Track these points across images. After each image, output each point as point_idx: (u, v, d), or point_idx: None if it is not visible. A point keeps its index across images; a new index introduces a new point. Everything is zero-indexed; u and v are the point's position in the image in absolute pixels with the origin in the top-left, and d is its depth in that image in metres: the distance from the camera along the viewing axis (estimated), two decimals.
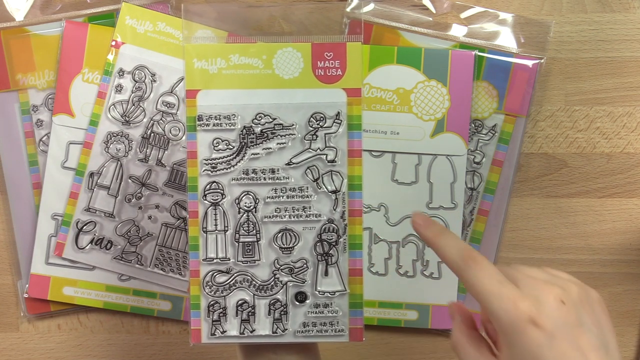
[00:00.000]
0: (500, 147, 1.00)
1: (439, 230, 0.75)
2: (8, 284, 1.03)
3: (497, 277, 0.68)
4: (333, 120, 0.85)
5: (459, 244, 0.72)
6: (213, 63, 0.85)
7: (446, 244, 0.73)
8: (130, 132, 0.99)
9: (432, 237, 0.75)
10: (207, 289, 0.85)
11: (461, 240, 0.74)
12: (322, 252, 0.86)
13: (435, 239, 0.74)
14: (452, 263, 0.71)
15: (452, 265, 0.72)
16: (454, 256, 0.71)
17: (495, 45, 0.99)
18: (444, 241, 0.73)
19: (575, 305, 0.67)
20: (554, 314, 0.65)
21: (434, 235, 0.75)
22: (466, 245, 0.72)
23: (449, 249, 0.72)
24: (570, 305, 0.66)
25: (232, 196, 0.85)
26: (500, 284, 0.67)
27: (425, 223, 0.76)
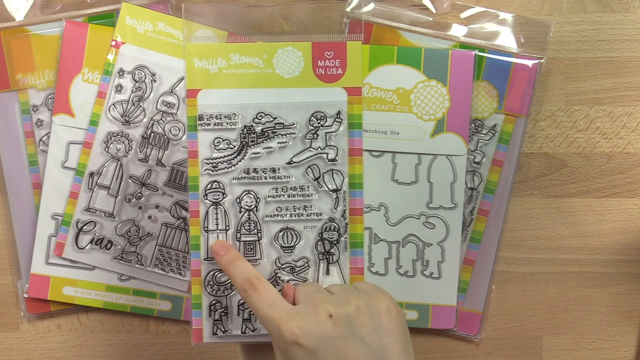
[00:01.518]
0: (500, 147, 1.00)
1: (231, 258, 0.80)
2: (8, 284, 1.03)
3: (269, 301, 0.74)
4: (334, 119, 0.85)
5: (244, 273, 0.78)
6: (214, 62, 0.85)
7: (234, 273, 0.78)
8: (130, 132, 0.99)
9: (225, 266, 0.80)
10: (208, 289, 0.85)
11: (248, 268, 0.79)
12: (324, 251, 0.86)
13: (226, 268, 0.80)
14: (238, 291, 0.78)
15: (239, 293, 0.78)
16: (238, 284, 0.78)
17: (495, 45, 1.00)
18: (232, 270, 0.79)
19: (347, 317, 0.71)
20: (317, 329, 0.70)
21: (226, 264, 0.80)
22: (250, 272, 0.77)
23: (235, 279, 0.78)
24: (340, 318, 0.71)
25: (233, 195, 0.85)
26: (270, 307, 0.73)
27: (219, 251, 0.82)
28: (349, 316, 0.71)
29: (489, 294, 1.02)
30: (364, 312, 0.72)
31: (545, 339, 1.03)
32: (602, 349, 1.03)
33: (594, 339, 1.03)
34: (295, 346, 0.70)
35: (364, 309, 0.72)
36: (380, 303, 0.73)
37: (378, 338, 0.71)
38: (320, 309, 0.72)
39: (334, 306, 0.72)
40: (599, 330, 1.03)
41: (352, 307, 0.72)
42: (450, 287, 1.00)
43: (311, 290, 0.76)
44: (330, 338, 0.69)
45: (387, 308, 0.73)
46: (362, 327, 0.71)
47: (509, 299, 1.03)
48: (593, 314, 1.03)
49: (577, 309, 1.03)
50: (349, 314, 0.71)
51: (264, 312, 0.73)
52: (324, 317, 0.71)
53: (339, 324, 0.70)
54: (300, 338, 0.70)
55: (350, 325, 0.70)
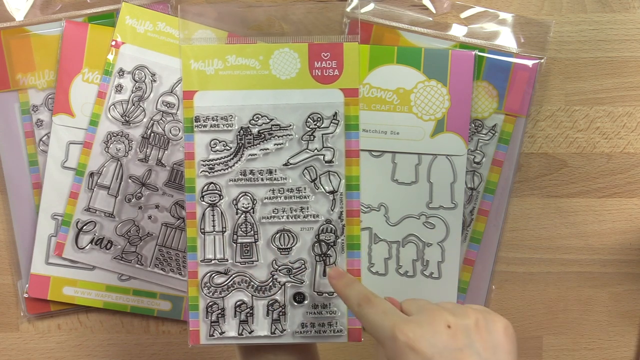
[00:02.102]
0: (500, 147, 1.00)
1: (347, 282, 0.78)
2: (8, 284, 1.03)
3: (384, 310, 0.72)
4: (330, 120, 0.85)
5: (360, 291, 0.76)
6: (210, 64, 0.85)
7: (350, 294, 0.76)
8: (130, 132, 0.99)
9: (340, 289, 0.79)
10: (205, 290, 0.86)
11: (365, 289, 0.77)
12: (320, 252, 0.86)
13: (342, 290, 0.78)
14: (351, 307, 0.76)
15: (352, 310, 0.76)
16: (352, 301, 0.75)
17: (495, 45, 0.99)
18: (349, 291, 0.77)
19: (466, 329, 0.69)
20: (435, 338, 0.68)
21: (342, 287, 0.78)
22: (367, 292, 0.75)
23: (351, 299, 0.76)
24: (457, 330, 0.69)
25: (229, 197, 0.85)
26: (385, 315, 0.71)
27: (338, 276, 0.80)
28: (468, 329, 0.69)
29: (489, 294, 1.01)
30: (482, 327, 0.70)
31: (545, 339, 1.03)
32: (602, 349, 1.03)
33: (594, 339, 1.03)
34: (409, 350, 0.67)
35: (483, 325, 0.70)
36: (498, 321, 0.71)
37: (494, 354, 0.69)
38: (438, 317, 0.70)
39: (454, 317, 0.70)
40: (599, 330, 1.03)
41: (472, 321, 0.70)
42: (450, 287, 1.00)
43: (423, 302, 0.74)
44: (446, 347, 0.67)
45: (505, 327, 0.71)
46: (479, 341, 0.69)
47: (509, 299, 1.03)
48: (593, 314, 1.03)
49: (577, 309, 1.03)
50: (467, 326, 0.69)
51: (377, 321, 0.71)
52: (442, 327, 0.69)
53: (457, 335, 0.68)
54: (415, 342, 0.67)
55: (468, 338, 0.69)
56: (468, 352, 0.67)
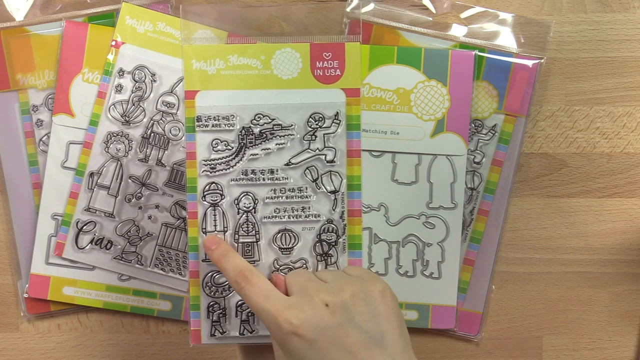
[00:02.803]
0: (500, 147, 1.00)
1: (222, 252, 0.81)
2: (8, 284, 1.03)
3: (264, 292, 0.74)
4: (332, 120, 0.85)
5: (236, 265, 0.78)
6: (211, 64, 0.85)
7: (226, 266, 0.79)
8: (130, 132, 0.99)
9: (217, 259, 0.81)
10: (206, 290, 0.86)
11: (240, 260, 0.79)
12: (322, 252, 0.86)
13: (218, 261, 0.80)
14: (231, 284, 0.78)
15: (232, 287, 0.78)
16: (230, 277, 0.78)
17: (495, 45, 0.99)
18: (224, 263, 0.79)
19: (343, 305, 0.72)
20: (314, 319, 0.70)
21: (217, 258, 0.81)
22: (243, 265, 0.78)
23: (228, 272, 0.78)
24: (336, 307, 0.71)
25: (231, 197, 0.85)
26: (266, 299, 0.73)
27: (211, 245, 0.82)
28: (345, 304, 0.71)
29: (489, 294, 1.02)
30: (359, 299, 0.72)
31: (545, 339, 1.03)
32: (602, 349, 1.03)
33: (594, 339, 1.03)
34: (293, 336, 0.70)
35: (360, 296, 0.72)
36: (374, 289, 0.73)
37: (375, 324, 0.71)
38: (316, 298, 0.72)
39: (330, 294, 0.72)
40: (599, 330, 1.03)
41: (348, 295, 0.72)
42: (450, 287, 1.00)
43: (303, 279, 0.77)
44: (327, 327, 0.70)
45: (382, 293, 0.73)
46: (358, 314, 0.71)
47: (509, 299, 1.03)
48: (593, 314, 1.03)
49: (577, 309, 1.03)
50: (345, 301, 0.72)
51: (259, 304, 0.73)
52: (321, 306, 0.71)
53: (335, 312, 0.71)
54: (298, 328, 0.70)
55: (347, 312, 0.71)
56: (348, 327, 0.70)
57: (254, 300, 0.74)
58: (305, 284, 0.75)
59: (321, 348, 0.69)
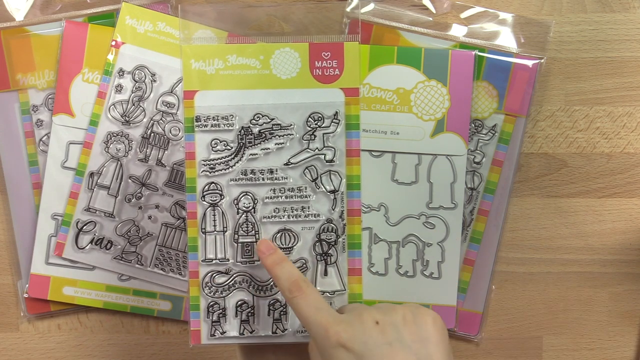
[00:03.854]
0: (500, 147, 1.00)
1: (277, 259, 0.80)
2: (8, 284, 1.03)
3: (316, 305, 0.75)
4: (331, 120, 0.85)
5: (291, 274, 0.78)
6: (210, 64, 0.85)
7: (280, 274, 0.79)
8: (130, 132, 0.99)
9: (270, 266, 0.80)
10: (206, 290, 0.86)
11: (294, 270, 0.79)
12: (321, 251, 0.86)
13: (271, 268, 0.80)
14: (282, 292, 0.78)
15: (283, 295, 0.78)
16: (283, 286, 0.78)
17: (495, 45, 0.99)
18: (278, 271, 0.79)
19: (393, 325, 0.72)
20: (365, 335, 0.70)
21: (271, 265, 0.80)
22: (297, 275, 0.78)
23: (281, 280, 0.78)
24: (386, 325, 0.72)
25: (230, 197, 0.85)
26: (317, 311, 0.74)
27: (267, 251, 0.81)
28: (396, 324, 0.72)
29: (489, 294, 1.01)
30: (410, 321, 0.72)
31: (545, 339, 1.03)
32: (602, 349, 1.03)
33: (594, 339, 1.03)
34: (341, 349, 0.70)
35: (410, 318, 0.72)
36: (427, 314, 0.73)
37: (424, 347, 0.71)
38: (366, 315, 0.72)
39: (381, 314, 0.73)
40: (599, 330, 1.03)
41: (399, 316, 0.72)
42: (450, 287, 1.00)
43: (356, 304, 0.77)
44: (376, 344, 0.70)
45: (433, 319, 0.73)
46: (408, 335, 0.71)
47: (509, 299, 1.03)
48: (593, 314, 1.03)
49: (577, 309, 1.03)
50: (395, 321, 0.72)
51: (310, 315, 0.74)
52: (371, 323, 0.71)
53: (385, 330, 0.71)
54: (347, 342, 0.70)
55: (397, 332, 0.71)
56: (398, 346, 0.70)
57: (305, 311, 0.74)
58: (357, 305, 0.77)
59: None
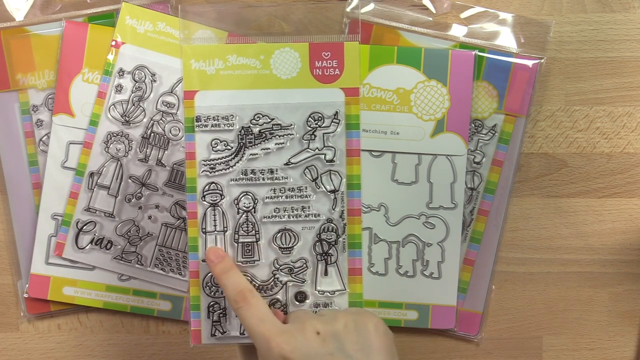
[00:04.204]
0: (500, 147, 1.00)
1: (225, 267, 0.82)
2: (8, 284, 1.03)
3: (260, 316, 0.76)
4: (331, 119, 0.85)
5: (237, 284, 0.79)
6: (211, 64, 0.85)
7: (227, 283, 0.80)
8: (130, 132, 0.99)
9: (218, 274, 0.82)
10: (207, 290, 0.86)
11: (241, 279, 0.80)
12: (322, 251, 0.86)
13: (219, 277, 0.81)
14: (228, 299, 0.80)
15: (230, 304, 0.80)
16: (229, 295, 0.79)
17: (495, 45, 0.99)
18: (224, 280, 0.80)
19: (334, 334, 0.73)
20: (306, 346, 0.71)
21: (219, 273, 0.82)
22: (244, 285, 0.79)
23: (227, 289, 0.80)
24: (327, 335, 0.73)
25: (231, 197, 0.85)
26: (261, 322, 0.75)
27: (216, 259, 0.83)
28: (337, 333, 0.72)
29: (489, 294, 1.01)
30: (351, 329, 0.73)
31: (545, 339, 1.03)
32: (602, 349, 1.03)
33: (594, 339, 1.03)
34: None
35: (352, 327, 0.73)
36: (368, 321, 0.74)
37: (366, 355, 0.71)
38: (308, 325, 0.73)
39: (322, 324, 0.74)
40: (599, 330, 1.03)
41: (340, 325, 0.73)
42: (450, 287, 1.00)
43: (301, 312, 0.78)
44: (317, 354, 0.71)
45: (375, 326, 0.74)
46: (350, 343, 0.72)
47: (509, 299, 1.03)
48: (593, 314, 1.03)
49: (577, 309, 1.03)
50: (336, 331, 0.73)
51: (254, 327, 0.75)
52: (312, 334, 0.72)
53: (326, 340, 0.71)
54: (288, 354, 0.71)
55: (338, 342, 0.72)
56: (339, 356, 0.70)
57: (249, 322, 0.76)
58: (301, 314, 0.77)
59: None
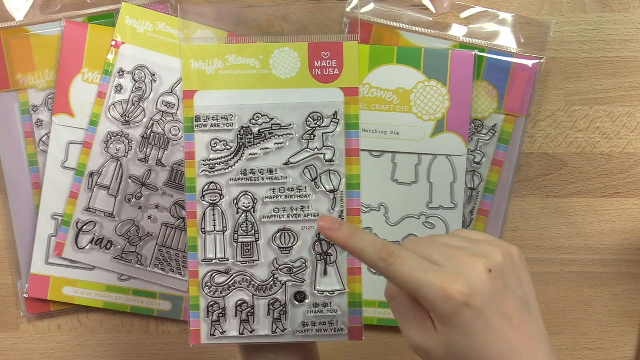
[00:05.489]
0: (500, 147, 1.00)
1: (350, 231, 0.71)
2: (8, 284, 1.03)
3: (420, 266, 0.67)
4: (330, 119, 0.85)
5: (374, 243, 0.70)
6: (210, 64, 0.85)
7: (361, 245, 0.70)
8: (130, 132, 0.99)
9: (344, 240, 0.71)
10: (206, 290, 0.86)
11: (375, 237, 0.71)
12: (321, 251, 0.86)
13: (348, 242, 0.71)
14: (372, 264, 0.70)
15: (373, 266, 0.70)
16: (371, 256, 0.69)
17: (495, 45, 0.99)
18: (357, 242, 0.70)
19: (501, 270, 0.67)
20: (484, 288, 0.65)
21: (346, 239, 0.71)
22: (381, 241, 0.69)
23: (365, 251, 0.70)
24: (497, 272, 0.67)
25: (230, 197, 0.85)
26: (426, 272, 0.66)
27: (333, 226, 0.72)
28: (502, 270, 0.67)
29: None
30: (509, 263, 0.67)
31: None
32: (602, 349, 1.03)
33: (594, 339, 1.03)
34: (464, 308, 0.65)
35: (509, 260, 0.68)
36: (513, 252, 0.70)
37: (521, 288, 0.67)
38: (478, 264, 0.67)
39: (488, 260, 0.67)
40: (599, 330, 1.03)
41: (500, 258, 0.68)
42: None
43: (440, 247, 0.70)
44: (493, 294, 0.65)
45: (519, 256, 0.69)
46: (510, 278, 0.67)
47: None
48: (593, 314, 1.03)
49: (577, 309, 1.03)
50: (500, 265, 0.67)
51: (420, 279, 0.66)
52: (485, 274, 0.66)
53: (497, 278, 0.66)
54: (470, 298, 0.65)
55: (504, 277, 0.67)
56: (507, 293, 0.66)
57: (412, 276, 0.67)
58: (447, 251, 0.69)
59: (487, 317, 0.65)
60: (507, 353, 0.65)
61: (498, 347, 0.65)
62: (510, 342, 0.65)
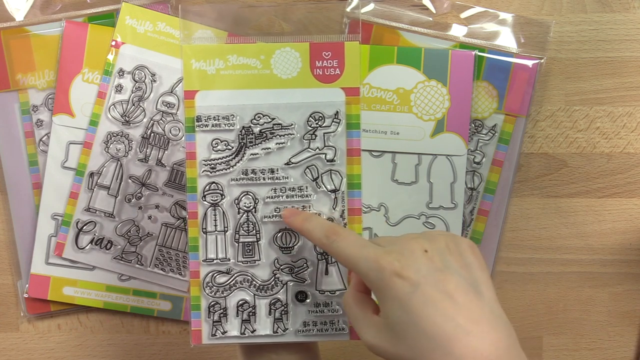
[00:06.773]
0: (500, 147, 1.00)
1: (304, 217, 0.81)
2: (8, 284, 1.03)
3: (359, 242, 0.73)
4: (332, 119, 0.85)
5: (323, 224, 0.78)
6: (211, 64, 0.85)
7: (311, 227, 0.79)
8: (130, 132, 0.99)
9: (299, 224, 0.81)
10: (207, 290, 0.86)
11: (325, 221, 0.80)
12: (322, 251, 0.86)
13: (302, 225, 0.80)
14: (318, 242, 0.77)
15: (319, 244, 0.77)
16: (318, 235, 0.77)
17: (495, 45, 0.99)
18: (308, 225, 0.80)
19: (440, 252, 0.71)
20: (417, 262, 0.69)
21: (300, 222, 0.81)
22: (330, 224, 0.78)
23: (314, 231, 0.78)
24: (434, 253, 0.70)
25: (231, 196, 0.85)
26: (363, 247, 0.72)
27: (291, 214, 0.83)
28: (442, 252, 0.70)
29: None
30: (453, 249, 0.71)
31: (545, 339, 1.03)
32: (602, 349, 1.03)
33: (594, 339, 1.03)
34: (397, 278, 0.68)
35: (453, 247, 0.71)
36: (463, 242, 0.72)
37: (469, 272, 0.70)
38: (414, 244, 0.71)
39: (427, 242, 0.71)
40: (599, 330, 1.03)
41: (442, 244, 0.71)
42: None
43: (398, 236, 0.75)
44: (430, 271, 0.68)
45: (471, 246, 0.72)
46: (454, 261, 0.70)
47: (509, 299, 1.03)
48: (593, 314, 1.03)
49: (577, 309, 1.03)
50: (441, 249, 0.71)
51: (356, 253, 0.72)
52: (420, 252, 0.70)
53: (434, 258, 0.69)
54: (401, 270, 0.68)
55: (444, 259, 0.70)
56: (448, 272, 0.69)
57: (349, 251, 0.73)
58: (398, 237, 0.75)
59: (425, 291, 0.67)
60: (452, 330, 0.65)
61: (442, 324, 0.66)
62: (455, 320, 0.66)
